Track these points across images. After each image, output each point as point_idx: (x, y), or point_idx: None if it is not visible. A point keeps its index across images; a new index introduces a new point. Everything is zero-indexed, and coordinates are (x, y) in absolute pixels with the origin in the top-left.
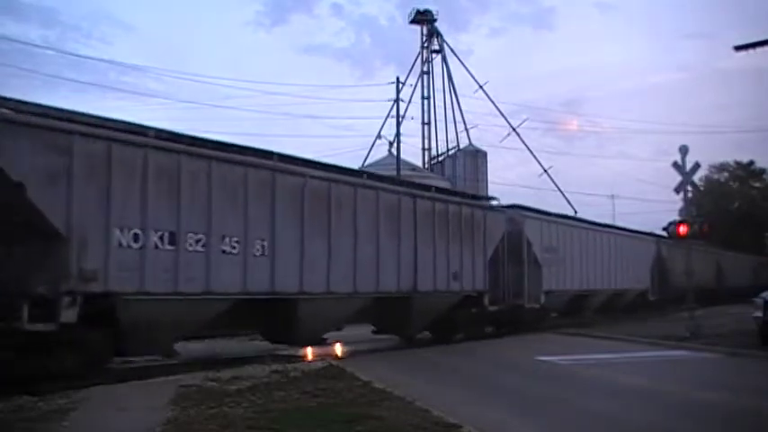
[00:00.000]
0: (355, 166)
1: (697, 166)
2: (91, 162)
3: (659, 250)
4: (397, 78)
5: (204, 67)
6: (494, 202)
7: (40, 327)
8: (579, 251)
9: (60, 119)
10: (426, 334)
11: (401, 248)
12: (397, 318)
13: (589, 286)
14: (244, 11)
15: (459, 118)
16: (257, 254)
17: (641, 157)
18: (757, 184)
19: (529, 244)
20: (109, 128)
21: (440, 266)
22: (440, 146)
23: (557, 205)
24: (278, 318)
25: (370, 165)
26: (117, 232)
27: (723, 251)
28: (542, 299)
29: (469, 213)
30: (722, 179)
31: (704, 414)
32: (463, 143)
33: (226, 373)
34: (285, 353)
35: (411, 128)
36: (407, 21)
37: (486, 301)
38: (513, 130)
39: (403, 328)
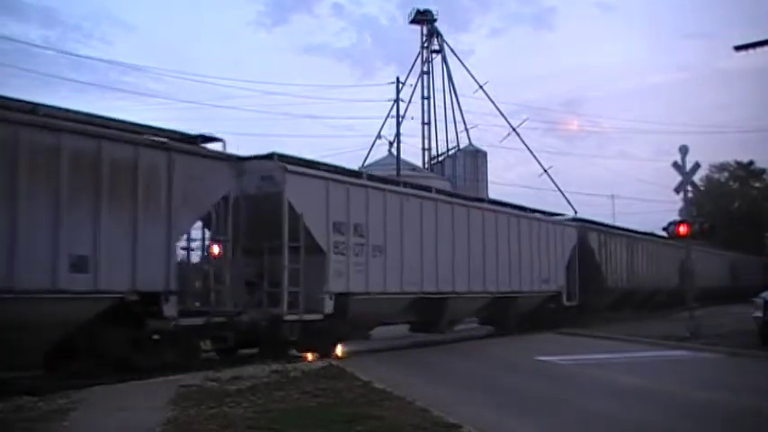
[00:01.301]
0: (355, 166)
1: (697, 166)
2: None
3: (584, 241)
4: (397, 78)
5: (204, 67)
6: (213, 145)
7: None
8: (420, 234)
9: None
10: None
11: None
12: None
13: (444, 287)
14: (245, 11)
15: (459, 118)
16: None
17: (641, 157)
18: (757, 184)
19: (295, 216)
20: None
21: (29, 245)
22: (440, 146)
23: (557, 205)
24: None
25: (370, 165)
26: None
27: (694, 246)
28: (328, 306)
29: (128, 158)
30: (722, 179)
31: (704, 414)
32: (463, 143)
33: (226, 373)
34: None
35: (411, 128)
36: (408, 21)
37: (169, 309)
38: (513, 130)
39: None
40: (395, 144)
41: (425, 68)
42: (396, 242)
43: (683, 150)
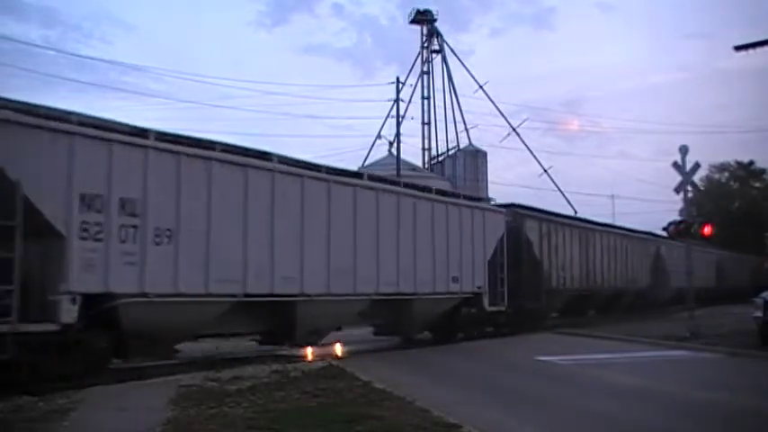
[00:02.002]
0: (355, 166)
1: (697, 166)
2: None
3: (518, 231)
4: (397, 78)
5: (205, 67)
6: None
7: None
8: (243, 216)
9: None
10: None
11: None
12: None
13: (284, 288)
14: (245, 11)
15: (459, 118)
16: None
17: (641, 157)
18: (757, 184)
19: (7, 184)
20: None
21: None
22: (440, 146)
23: (557, 205)
24: None
25: (370, 165)
26: None
27: (670, 241)
28: (68, 312)
29: None
30: (722, 179)
31: (704, 414)
32: (463, 143)
33: (226, 374)
34: (285, 353)
35: (411, 128)
36: (408, 21)
37: None
38: (513, 130)
39: None
40: (395, 144)
41: (425, 68)
42: (198, 225)
43: (683, 150)
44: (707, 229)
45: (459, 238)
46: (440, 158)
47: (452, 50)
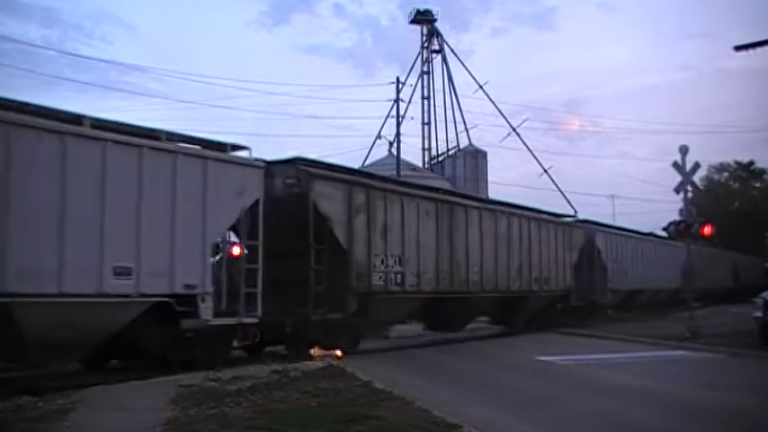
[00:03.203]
0: (355, 166)
1: (697, 166)
2: None
3: (302, 197)
4: (397, 78)
5: (205, 68)
6: None
7: None
8: None
9: None
10: None
11: None
12: None
13: None
14: (245, 11)
15: (459, 118)
16: None
17: (642, 157)
18: (758, 185)
19: None
20: None
21: None
22: (440, 146)
23: (557, 205)
24: None
25: (370, 165)
26: None
27: (612, 230)
28: None
29: None
30: (722, 179)
31: (704, 414)
32: (463, 143)
33: (226, 373)
34: (285, 353)
35: (411, 128)
36: (408, 21)
37: None
38: (514, 130)
39: None
40: (395, 144)
41: (425, 68)
42: None
43: (683, 150)
44: (707, 230)
45: (137, 203)
46: (440, 158)
47: (452, 50)
